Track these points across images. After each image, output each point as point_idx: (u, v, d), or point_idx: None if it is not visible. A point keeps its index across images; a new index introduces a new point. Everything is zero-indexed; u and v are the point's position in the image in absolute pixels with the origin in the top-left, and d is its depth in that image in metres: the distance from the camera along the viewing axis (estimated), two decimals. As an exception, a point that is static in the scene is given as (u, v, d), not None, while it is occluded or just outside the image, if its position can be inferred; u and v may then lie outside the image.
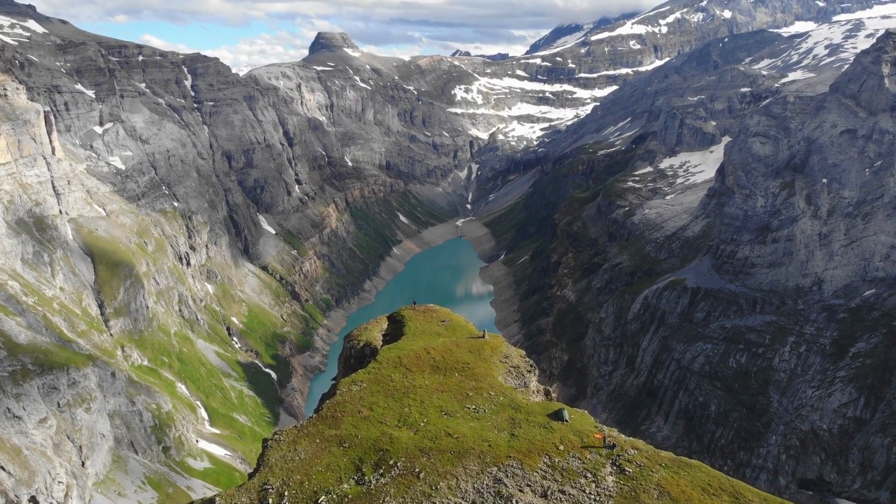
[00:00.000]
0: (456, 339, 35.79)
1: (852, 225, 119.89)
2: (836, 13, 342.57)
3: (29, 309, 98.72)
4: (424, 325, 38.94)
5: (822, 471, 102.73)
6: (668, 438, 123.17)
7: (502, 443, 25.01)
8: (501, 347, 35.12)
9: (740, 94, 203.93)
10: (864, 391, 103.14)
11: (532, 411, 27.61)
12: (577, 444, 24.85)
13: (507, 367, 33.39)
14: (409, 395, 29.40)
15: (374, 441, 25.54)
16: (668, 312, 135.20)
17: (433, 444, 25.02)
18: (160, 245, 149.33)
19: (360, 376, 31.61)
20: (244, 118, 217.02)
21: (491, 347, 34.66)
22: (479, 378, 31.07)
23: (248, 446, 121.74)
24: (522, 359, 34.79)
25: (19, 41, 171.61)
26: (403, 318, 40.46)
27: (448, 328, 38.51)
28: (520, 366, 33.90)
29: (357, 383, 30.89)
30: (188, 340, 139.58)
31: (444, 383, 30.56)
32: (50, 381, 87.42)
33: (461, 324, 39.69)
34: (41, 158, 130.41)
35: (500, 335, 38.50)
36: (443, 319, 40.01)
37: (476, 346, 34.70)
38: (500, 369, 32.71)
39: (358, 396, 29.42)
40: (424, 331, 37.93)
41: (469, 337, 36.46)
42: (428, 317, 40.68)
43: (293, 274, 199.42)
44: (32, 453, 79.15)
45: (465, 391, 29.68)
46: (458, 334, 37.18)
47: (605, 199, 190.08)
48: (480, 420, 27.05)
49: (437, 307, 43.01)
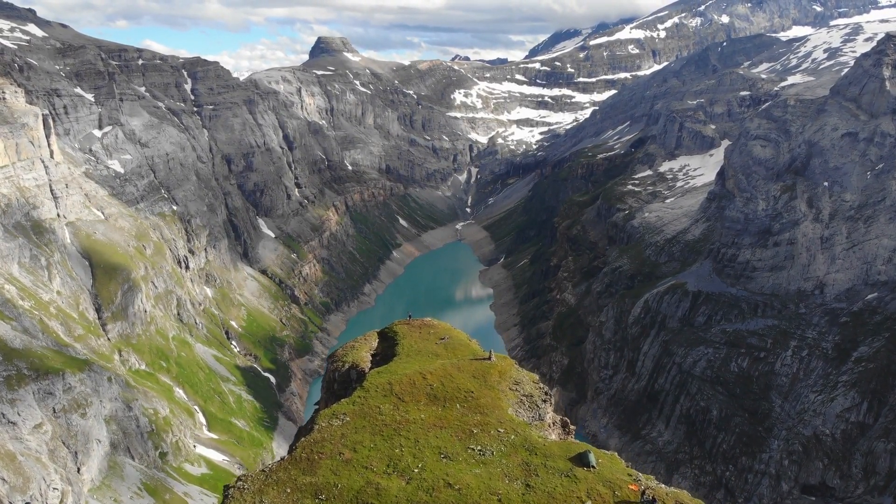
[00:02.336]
0: (457, 362, 31.91)
1: (854, 228, 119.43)
2: (833, 18, 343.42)
3: (25, 313, 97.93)
4: (420, 344, 34.96)
5: (825, 476, 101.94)
6: (669, 443, 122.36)
7: (515, 497, 21.16)
8: (511, 371, 31.02)
9: (739, 98, 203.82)
10: (867, 396, 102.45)
11: (550, 454, 23.81)
12: (609, 499, 20.96)
13: (519, 395, 29.18)
14: (400, 431, 25.56)
15: (356, 493, 21.74)
16: (668, 316, 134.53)
17: (429, 499, 21.31)
18: (159, 249, 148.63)
19: (343, 407, 27.64)
20: (244, 122, 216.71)
21: (499, 372, 30.52)
22: (486, 410, 27.15)
23: (246, 451, 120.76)
24: (536, 385, 30.61)
25: (19, 45, 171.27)
26: (396, 335, 36.37)
27: (448, 347, 34.62)
28: (533, 394, 29.62)
29: (339, 416, 26.76)
30: (186, 344, 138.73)
31: (444, 417, 26.68)
32: (45, 386, 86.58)
33: (463, 342, 35.65)
34: (39, 162, 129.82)
35: (507, 356, 33.81)
36: (441, 336, 36.07)
37: (481, 369, 30.59)
38: (509, 399, 28.69)
39: (339, 433, 25.43)
40: (420, 350, 34.09)
41: (472, 358, 32.33)
42: (424, 333, 36.58)
43: (292, 277, 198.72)
44: (27, 459, 78.21)
45: (468, 427, 25.92)
46: (459, 355, 33.31)
47: (604, 202, 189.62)
48: (487, 465, 23.27)
49: (434, 321, 38.64)
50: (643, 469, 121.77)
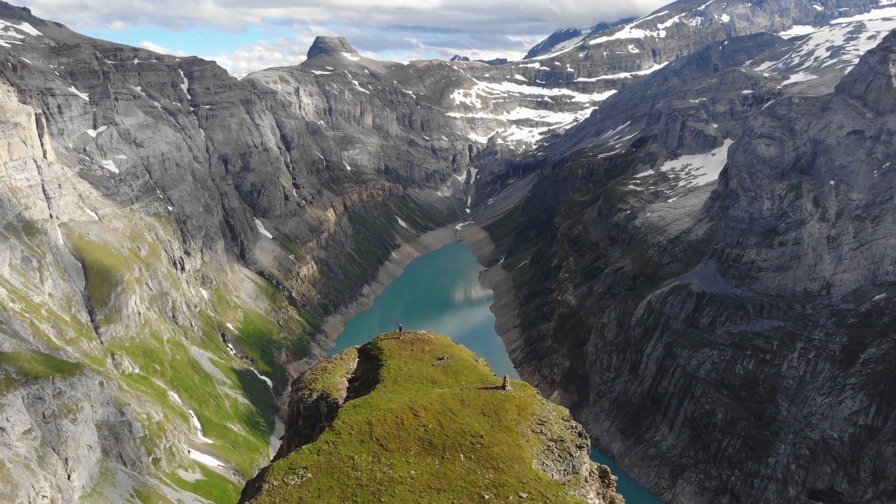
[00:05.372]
0: (461, 392, 24.07)
1: (861, 228, 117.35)
2: (833, 17, 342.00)
3: (15, 316, 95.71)
4: (412, 365, 26.97)
5: (833, 481, 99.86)
6: (673, 447, 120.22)
7: None
8: (533, 406, 23.26)
9: (742, 97, 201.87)
10: (876, 398, 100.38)
11: None
12: None
13: (545, 441, 21.81)
14: (381, 497, 18.41)
15: None
16: (672, 318, 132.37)
17: None
18: (154, 250, 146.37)
19: (304, 458, 20.27)
20: (241, 122, 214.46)
21: (517, 406, 23.00)
22: (501, 464, 20.05)
23: (242, 457, 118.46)
24: (567, 424, 22.98)
25: (12, 44, 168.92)
26: (381, 354, 28.46)
27: (448, 371, 26.43)
28: (564, 438, 22.10)
29: (297, 472, 19.61)
30: (181, 347, 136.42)
31: (442, 475, 19.64)
32: (35, 390, 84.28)
33: (467, 363, 27.50)
34: (32, 161, 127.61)
35: (527, 383, 25.97)
36: (440, 356, 28.08)
37: (493, 403, 22.98)
38: (533, 446, 21.42)
39: (296, 498, 18.54)
40: (411, 375, 26.03)
41: (481, 387, 24.45)
42: (417, 351, 28.53)
43: (290, 279, 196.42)
44: (16, 466, 75.94)
45: (476, 490, 18.95)
46: (463, 381, 25.49)
47: (605, 202, 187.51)
48: None
49: (431, 335, 30.58)
50: (647, 473, 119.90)
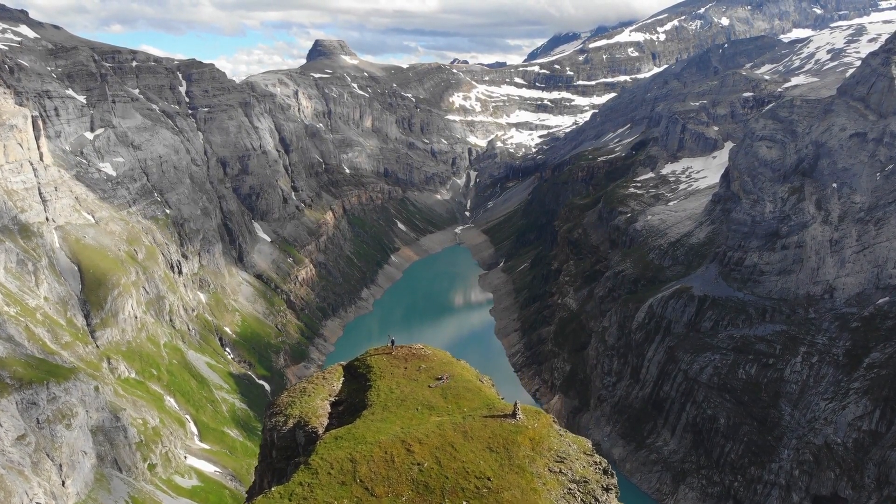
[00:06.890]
0: (463, 421, 19.61)
1: (864, 231, 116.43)
2: (833, 20, 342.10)
3: (10, 320, 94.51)
4: (405, 387, 22.53)
5: (837, 486, 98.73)
6: (675, 452, 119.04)
7: None
8: (550, 438, 18.82)
9: (743, 99, 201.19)
10: (880, 403, 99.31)
11: None
12: None
13: (566, 482, 17.54)
14: None
15: None
16: (673, 321, 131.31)
17: None
18: (151, 253, 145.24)
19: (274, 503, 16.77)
20: (240, 124, 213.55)
21: (531, 439, 18.59)
22: None
23: (239, 462, 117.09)
24: (590, 459, 18.61)
25: (10, 46, 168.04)
26: (369, 373, 23.93)
27: (447, 393, 21.96)
28: (588, 479, 17.81)
29: None
30: (178, 351, 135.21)
31: None
32: (29, 395, 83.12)
33: (470, 384, 22.90)
34: (28, 164, 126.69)
35: (541, 410, 21.25)
36: (438, 376, 23.46)
37: (502, 436, 18.55)
38: (551, 489, 17.16)
39: None
40: (404, 398, 21.76)
41: (487, 415, 19.88)
42: (412, 369, 23.98)
43: (289, 282, 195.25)
44: (9, 472, 74.77)
45: None
46: (465, 406, 21.10)
47: (606, 205, 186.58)
48: None
49: (427, 350, 25.88)
50: (649, 479, 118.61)
